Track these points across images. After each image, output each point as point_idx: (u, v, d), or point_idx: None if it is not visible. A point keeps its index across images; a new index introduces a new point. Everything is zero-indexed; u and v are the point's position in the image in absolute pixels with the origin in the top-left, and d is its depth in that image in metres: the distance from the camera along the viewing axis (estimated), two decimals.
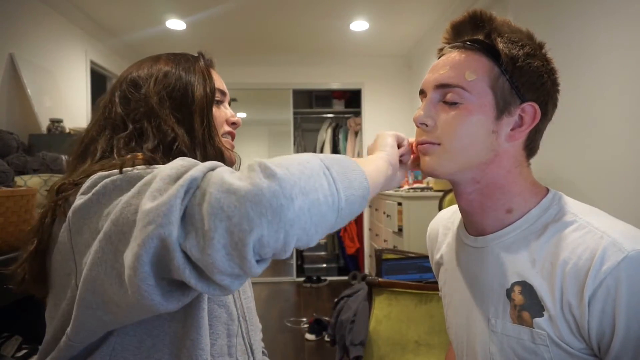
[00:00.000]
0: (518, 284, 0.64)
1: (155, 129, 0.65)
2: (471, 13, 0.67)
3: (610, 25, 1.60)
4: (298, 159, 0.45)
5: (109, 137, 0.65)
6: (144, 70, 0.71)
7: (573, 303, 0.58)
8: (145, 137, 0.64)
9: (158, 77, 0.69)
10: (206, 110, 0.70)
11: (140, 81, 0.69)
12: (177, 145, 0.65)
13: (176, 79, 0.70)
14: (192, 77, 0.71)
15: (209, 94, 0.71)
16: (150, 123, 0.65)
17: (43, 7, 2.73)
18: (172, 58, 0.73)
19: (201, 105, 0.70)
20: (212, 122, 0.71)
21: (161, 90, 0.68)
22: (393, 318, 1.70)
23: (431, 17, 3.29)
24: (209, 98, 0.72)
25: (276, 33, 3.65)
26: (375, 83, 4.46)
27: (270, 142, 6.68)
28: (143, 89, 0.68)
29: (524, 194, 0.68)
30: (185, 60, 0.73)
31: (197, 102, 0.70)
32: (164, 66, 0.71)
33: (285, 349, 2.85)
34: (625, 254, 0.55)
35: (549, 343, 0.60)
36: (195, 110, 0.69)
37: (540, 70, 0.64)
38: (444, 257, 0.83)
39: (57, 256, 0.56)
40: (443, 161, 0.67)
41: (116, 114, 0.67)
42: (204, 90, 0.71)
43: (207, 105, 0.71)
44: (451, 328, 0.80)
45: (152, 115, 0.66)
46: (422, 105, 0.69)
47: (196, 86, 0.70)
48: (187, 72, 0.71)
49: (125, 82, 0.70)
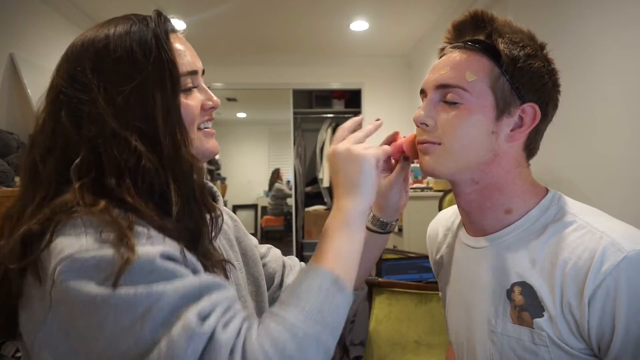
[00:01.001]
0: (518, 284, 0.64)
1: (115, 150, 0.52)
2: (472, 13, 0.67)
3: (610, 25, 1.60)
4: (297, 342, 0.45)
5: (58, 162, 0.53)
6: (84, 60, 0.55)
7: (573, 303, 0.58)
8: (105, 163, 0.52)
9: (109, 79, 0.54)
10: (173, 114, 0.56)
11: (84, 80, 0.54)
12: (142, 167, 0.53)
13: (125, 77, 0.54)
14: (146, 67, 0.55)
15: (171, 88, 0.56)
16: (108, 144, 0.52)
17: (43, 7, 2.73)
18: (113, 36, 0.56)
19: (164, 107, 0.55)
20: (181, 126, 0.57)
21: (115, 96, 0.53)
22: (393, 318, 1.70)
23: (431, 17, 3.29)
24: (174, 94, 0.57)
25: (276, 33, 3.65)
26: (375, 83, 4.45)
27: (270, 142, 6.69)
28: (92, 93, 0.53)
29: (524, 195, 0.68)
30: (132, 37, 0.56)
31: (158, 105, 0.55)
32: (107, 53, 0.55)
33: None
34: (624, 254, 0.55)
35: (549, 343, 0.60)
36: (157, 116, 0.54)
37: (541, 71, 0.64)
38: (444, 258, 0.83)
39: (24, 314, 0.50)
40: (443, 161, 0.66)
41: (64, 133, 0.54)
42: (165, 85, 0.56)
43: (171, 106, 0.56)
44: (451, 329, 0.80)
45: (108, 134, 0.52)
46: (422, 105, 0.69)
47: (154, 82, 0.55)
48: (138, 61, 0.55)
49: (66, 81, 0.55)
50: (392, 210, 0.77)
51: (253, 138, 6.63)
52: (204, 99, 0.63)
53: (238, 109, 6.01)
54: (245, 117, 6.40)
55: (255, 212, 6.49)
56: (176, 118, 0.57)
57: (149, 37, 0.56)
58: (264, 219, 6.18)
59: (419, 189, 3.06)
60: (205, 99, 0.63)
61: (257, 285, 0.76)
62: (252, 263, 0.77)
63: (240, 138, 6.38)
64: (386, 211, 0.77)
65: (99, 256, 0.45)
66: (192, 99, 0.61)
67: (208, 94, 0.64)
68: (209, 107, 0.64)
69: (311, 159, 5.19)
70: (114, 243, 0.46)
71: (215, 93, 0.66)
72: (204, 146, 0.63)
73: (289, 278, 0.84)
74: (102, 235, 0.47)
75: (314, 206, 5.07)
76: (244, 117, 6.39)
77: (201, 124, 0.64)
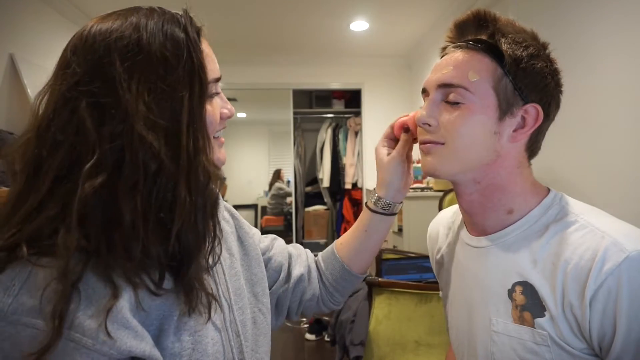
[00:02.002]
0: (519, 284, 0.64)
1: (140, 153, 0.48)
2: (475, 12, 0.67)
3: (612, 25, 1.60)
4: None
5: (62, 160, 0.48)
6: (112, 51, 0.49)
7: (574, 303, 0.58)
8: (127, 166, 0.48)
9: (141, 76, 0.50)
10: (197, 120, 0.53)
11: (112, 72, 0.49)
12: (162, 173, 0.49)
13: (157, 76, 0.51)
14: (177, 68, 0.52)
15: (199, 93, 0.54)
16: (133, 145, 0.48)
17: (43, 7, 2.73)
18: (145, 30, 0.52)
19: (190, 112, 0.52)
20: (204, 132, 0.55)
21: (146, 95, 0.49)
22: (393, 318, 1.70)
23: (431, 17, 3.29)
24: (201, 100, 0.55)
25: (276, 33, 3.65)
26: (375, 83, 4.46)
27: (270, 142, 6.68)
28: (120, 88, 0.48)
29: (525, 195, 0.68)
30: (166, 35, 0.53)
31: (186, 110, 0.52)
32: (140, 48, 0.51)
33: (285, 348, 2.85)
34: (626, 254, 0.55)
35: (550, 343, 0.60)
36: (182, 120, 0.51)
37: (544, 71, 0.64)
38: (444, 257, 0.83)
39: None
40: (445, 161, 0.66)
41: (81, 127, 0.48)
42: (194, 90, 0.53)
43: (197, 112, 0.53)
44: (452, 328, 0.80)
45: (135, 135, 0.48)
46: (424, 105, 0.69)
47: (184, 84, 0.52)
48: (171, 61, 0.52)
49: (87, 71, 0.49)
50: (395, 190, 0.78)
51: (253, 138, 6.63)
52: (221, 106, 0.62)
53: (238, 109, 6.00)
54: (245, 117, 6.39)
55: (255, 212, 6.49)
56: (200, 124, 0.54)
57: (182, 37, 0.54)
58: (264, 218, 6.18)
59: (419, 189, 3.06)
60: (222, 106, 0.62)
61: (256, 287, 0.73)
62: (255, 263, 0.75)
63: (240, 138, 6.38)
64: (389, 191, 0.78)
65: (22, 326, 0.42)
66: (214, 106, 0.60)
67: (225, 101, 0.63)
68: (226, 115, 0.63)
69: (311, 159, 5.20)
70: (47, 317, 0.42)
71: None
72: (215, 155, 0.61)
73: (295, 269, 0.81)
74: (42, 301, 0.43)
75: (314, 206, 5.08)
76: (244, 117, 6.39)
77: (216, 133, 0.62)
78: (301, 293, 0.80)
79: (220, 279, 0.65)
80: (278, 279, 0.80)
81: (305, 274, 0.81)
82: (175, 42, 0.53)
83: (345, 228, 4.67)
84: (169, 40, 0.52)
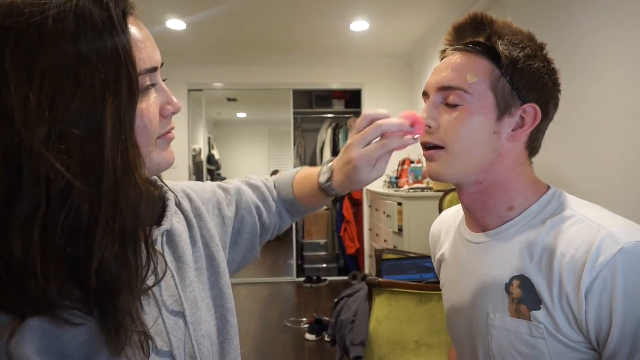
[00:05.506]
0: (516, 277, 0.65)
1: (41, 168, 0.39)
2: (472, 15, 0.68)
3: (610, 25, 1.61)
4: None
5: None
6: (15, 46, 0.39)
7: (570, 295, 0.58)
8: (24, 185, 0.39)
9: (43, 73, 0.39)
10: (127, 126, 0.43)
11: (6, 74, 0.39)
12: (72, 194, 0.40)
13: (66, 74, 0.40)
14: (94, 62, 0.41)
15: (127, 92, 0.43)
16: (32, 158, 0.39)
17: None
18: (47, 12, 0.40)
19: (115, 117, 0.42)
20: (134, 141, 0.44)
21: (51, 97, 0.40)
22: (393, 318, 1.70)
23: (431, 17, 3.29)
24: (130, 99, 0.44)
25: (276, 33, 3.65)
26: (375, 83, 4.46)
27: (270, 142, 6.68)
28: (14, 88, 0.39)
29: (526, 192, 0.69)
30: (77, 16, 0.41)
31: (110, 116, 0.42)
32: (38, 36, 0.40)
33: (285, 349, 2.85)
34: (621, 246, 0.55)
35: (546, 336, 0.61)
36: (105, 128, 0.41)
37: (541, 71, 0.65)
38: (445, 254, 0.84)
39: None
40: (448, 166, 0.68)
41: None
42: (119, 89, 0.42)
43: (124, 116, 0.43)
44: (452, 324, 0.81)
45: (35, 146, 0.39)
46: (424, 107, 0.70)
47: (105, 83, 0.41)
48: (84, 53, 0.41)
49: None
50: (353, 184, 0.67)
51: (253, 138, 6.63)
52: (164, 102, 0.50)
53: (238, 109, 6.01)
54: (245, 117, 6.39)
55: None
56: (129, 131, 0.44)
57: (100, 19, 0.42)
58: None
59: (419, 189, 3.07)
60: (165, 102, 0.51)
61: (220, 281, 0.64)
62: (216, 250, 0.65)
63: (240, 138, 6.38)
64: (345, 184, 0.68)
65: None
66: (150, 102, 0.48)
67: (167, 95, 0.51)
68: (169, 112, 0.51)
69: (311, 159, 5.20)
70: None
71: (215, 93, 0.60)
72: (159, 157, 0.51)
73: (263, 217, 0.75)
74: None
75: None
76: (244, 117, 6.39)
77: (160, 137, 0.51)
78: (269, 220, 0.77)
79: (166, 299, 0.54)
80: (255, 224, 0.75)
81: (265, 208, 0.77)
82: (92, 25, 0.41)
83: (345, 228, 4.68)
84: (83, 23, 0.41)
